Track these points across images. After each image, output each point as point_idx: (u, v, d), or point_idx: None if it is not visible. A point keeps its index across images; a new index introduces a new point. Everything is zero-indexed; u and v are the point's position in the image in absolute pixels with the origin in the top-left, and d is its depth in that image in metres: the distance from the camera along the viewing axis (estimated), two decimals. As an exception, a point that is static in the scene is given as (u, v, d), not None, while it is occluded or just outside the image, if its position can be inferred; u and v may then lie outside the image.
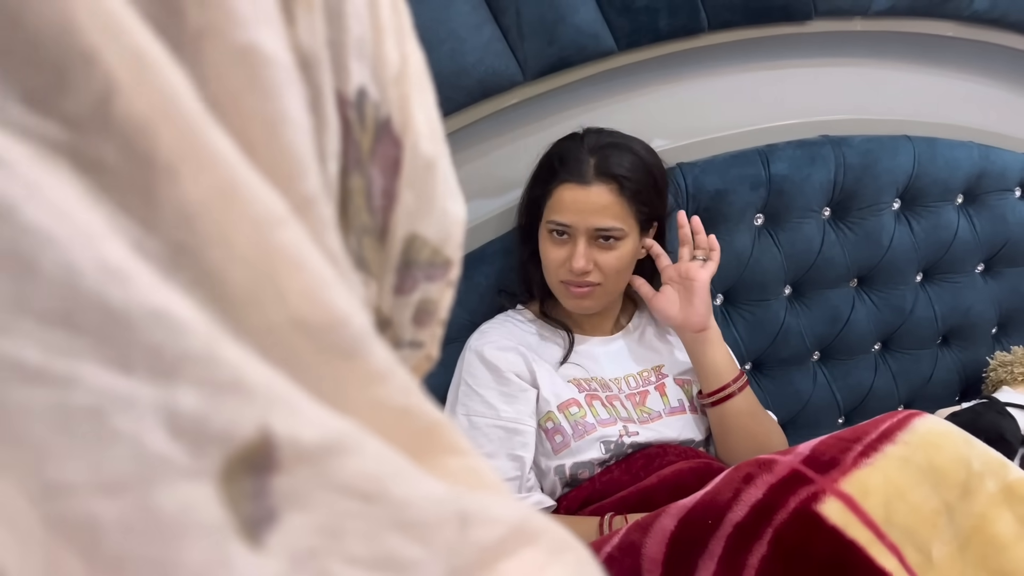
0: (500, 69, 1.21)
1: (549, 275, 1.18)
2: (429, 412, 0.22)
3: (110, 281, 0.16)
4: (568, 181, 1.12)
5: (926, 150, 1.53)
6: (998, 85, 1.69)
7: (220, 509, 0.17)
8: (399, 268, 0.28)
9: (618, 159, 1.13)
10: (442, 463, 0.22)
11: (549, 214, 1.15)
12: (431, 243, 0.28)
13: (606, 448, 1.12)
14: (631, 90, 1.40)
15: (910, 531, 0.81)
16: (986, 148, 1.60)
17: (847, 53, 1.54)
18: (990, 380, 1.63)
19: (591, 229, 1.12)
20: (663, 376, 1.23)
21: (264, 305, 0.19)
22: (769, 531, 0.82)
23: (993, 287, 1.68)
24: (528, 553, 0.22)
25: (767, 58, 1.47)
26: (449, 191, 0.29)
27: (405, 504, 0.20)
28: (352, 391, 0.20)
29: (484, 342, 1.18)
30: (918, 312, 1.60)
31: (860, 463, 0.85)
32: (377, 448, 0.20)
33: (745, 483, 0.87)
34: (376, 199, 0.26)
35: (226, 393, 0.17)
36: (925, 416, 0.91)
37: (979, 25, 1.55)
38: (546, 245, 1.16)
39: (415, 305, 0.29)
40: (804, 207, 1.46)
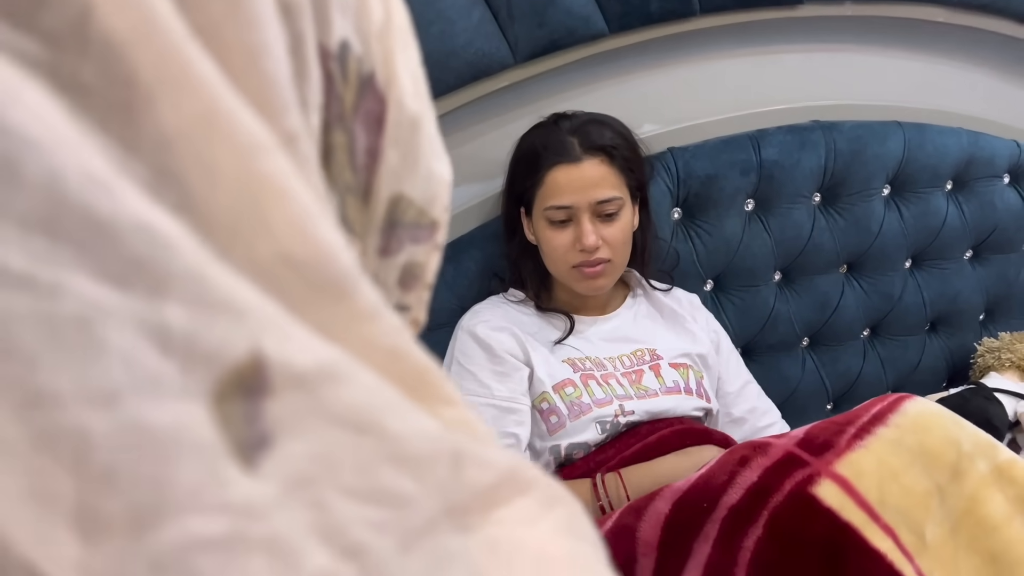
0: (490, 51, 1.19)
1: (556, 263, 1.17)
2: (420, 357, 0.22)
3: (95, 190, 0.15)
4: (559, 163, 1.12)
5: (916, 136, 1.53)
6: (987, 71, 1.69)
7: (213, 430, 0.16)
8: (383, 229, 0.27)
9: (599, 132, 1.15)
10: (434, 412, 0.22)
11: (545, 201, 1.14)
12: (416, 204, 0.28)
13: (602, 428, 1.12)
14: (622, 74, 1.39)
15: (904, 513, 0.82)
16: (975, 134, 1.60)
17: (838, 39, 1.53)
18: (977, 366, 1.64)
19: (592, 204, 1.12)
20: (658, 358, 1.23)
21: (249, 235, 0.18)
22: (764, 513, 0.82)
23: (981, 273, 1.68)
24: (521, 503, 0.22)
25: (758, 43, 1.47)
26: (435, 151, 0.29)
27: (399, 437, 0.19)
28: (340, 329, 0.20)
29: (477, 321, 1.17)
30: (907, 298, 1.61)
31: (854, 445, 0.85)
32: (371, 380, 0.19)
33: (740, 466, 0.87)
34: (359, 157, 0.25)
35: (216, 313, 0.17)
36: (916, 399, 0.91)
37: (969, 11, 1.55)
38: (547, 234, 1.15)
39: (401, 267, 0.29)
40: (794, 193, 1.46)
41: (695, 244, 1.41)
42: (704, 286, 1.44)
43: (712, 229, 1.41)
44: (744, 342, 1.49)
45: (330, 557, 0.17)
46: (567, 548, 0.22)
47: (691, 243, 1.40)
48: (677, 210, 1.40)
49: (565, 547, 0.22)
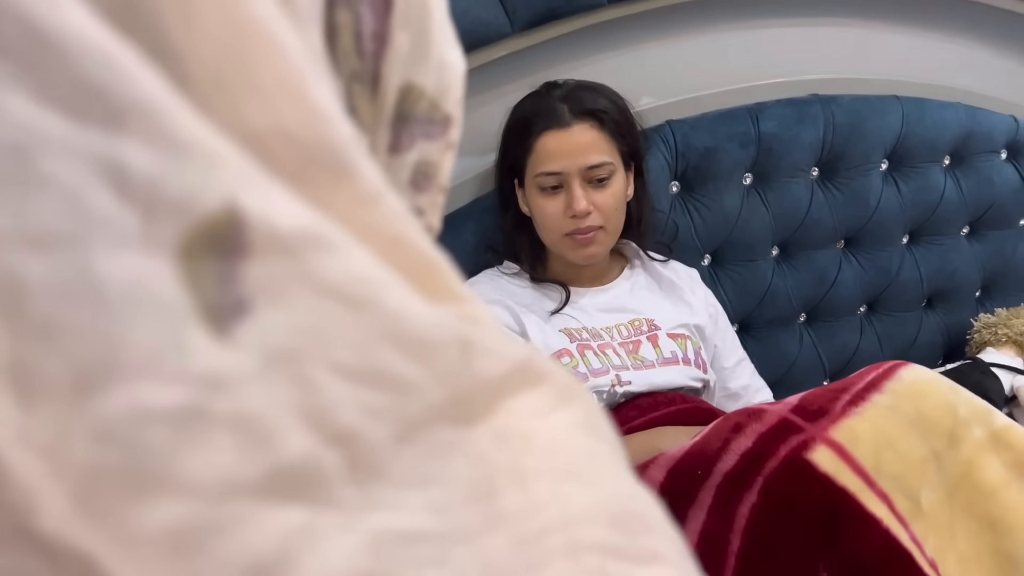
0: (488, 20, 1.18)
1: (549, 232, 1.16)
2: (425, 248, 0.20)
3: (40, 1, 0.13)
4: (548, 128, 1.12)
5: (914, 111, 1.52)
6: (985, 46, 1.68)
7: (178, 288, 0.15)
8: (394, 122, 0.25)
9: (589, 97, 1.14)
10: (442, 305, 0.20)
11: (535, 167, 1.13)
12: (428, 95, 0.26)
13: (598, 398, 1.11)
14: (621, 46, 1.37)
15: (899, 479, 0.81)
16: (973, 109, 1.60)
17: (838, 13, 1.52)
18: (974, 342, 1.64)
19: (583, 169, 1.11)
20: (656, 328, 1.22)
21: (234, 93, 0.16)
22: (759, 480, 0.82)
23: (978, 249, 1.68)
24: (534, 394, 0.21)
25: (758, 16, 1.45)
26: (446, 39, 0.27)
27: (399, 317, 0.18)
28: (337, 211, 0.18)
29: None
30: (904, 274, 1.60)
31: (849, 412, 0.84)
32: (365, 255, 0.17)
33: (735, 432, 0.87)
34: (366, 41, 0.23)
35: (185, 157, 0.15)
36: (911, 366, 0.90)
37: (968, -16, 1.54)
38: (539, 201, 1.14)
39: (412, 166, 0.27)
40: (793, 166, 1.45)
41: (693, 218, 1.40)
42: (702, 260, 1.43)
43: (710, 203, 1.40)
44: (742, 317, 1.48)
45: (312, 441, 0.16)
46: (582, 443, 0.21)
47: (689, 217, 1.39)
48: (675, 183, 1.39)
49: (580, 442, 0.21)
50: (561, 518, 0.19)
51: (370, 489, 0.16)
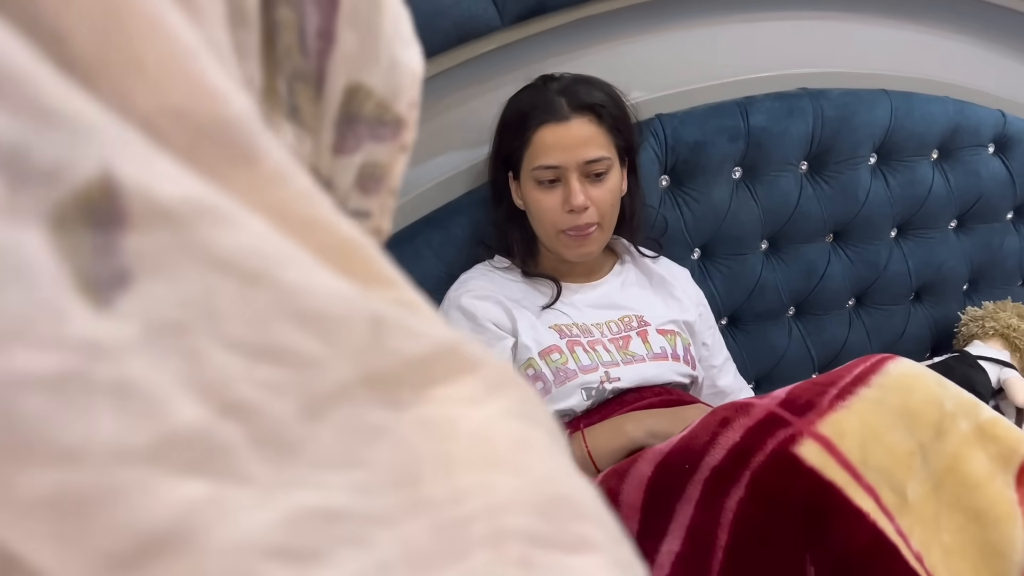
0: (477, 12, 1.17)
1: (544, 227, 1.15)
2: (346, 230, 0.20)
3: None
4: (547, 122, 1.10)
5: (903, 104, 1.53)
6: (972, 40, 1.69)
7: (50, 258, 0.14)
8: (339, 122, 0.25)
9: (587, 91, 1.13)
10: (366, 289, 0.20)
11: (533, 161, 1.12)
12: (376, 95, 0.25)
13: (587, 394, 1.11)
14: (610, 39, 1.37)
15: (886, 472, 0.82)
16: (961, 103, 1.60)
17: (826, 6, 1.52)
18: (961, 335, 1.65)
19: (581, 163, 1.10)
20: (645, 324, 1.21)
21: (118, 74, 0.16)
22: (747, 474, 0.82)
23: (965, 243, 1.69)
24: (464, 381, 0.20)
25: (747, 9, 1.45)
26: (400, 37, 0.26)
27: (298, 292, 0.17)
28: (236, 190, 0.17)
29: (462, 291, 1.16)
30: (892, 267, 1.61)
31: (836, 406, 0.85)
32: (262, 228, 0.17)
33: (722, 427, 0.87)
34: (311, 39, 0.23)
35: (51, 124, 0.14)
36: (898, 359, 0.90)
37: (956, -21, 1.54)
38: (535, 195, 1.14)
39: (359, 168, 0.26)
40: (782, 160, 1.45)
41: (683, 212, 1.40)
42: (692, 254, 1.44)
43: (700, 196, 1.40)
44: (731, 310, 1.49)
45: (205, 412, 0.15)
46: (516, 431, 0.21)
47: (679, 211, 1.40)
48: (665, 177, 1.39)
49: (513, 430, 0.21)
50: (485, 507, 0.19)
51: (284, 466, 0.16)
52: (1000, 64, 1.73)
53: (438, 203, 1.27)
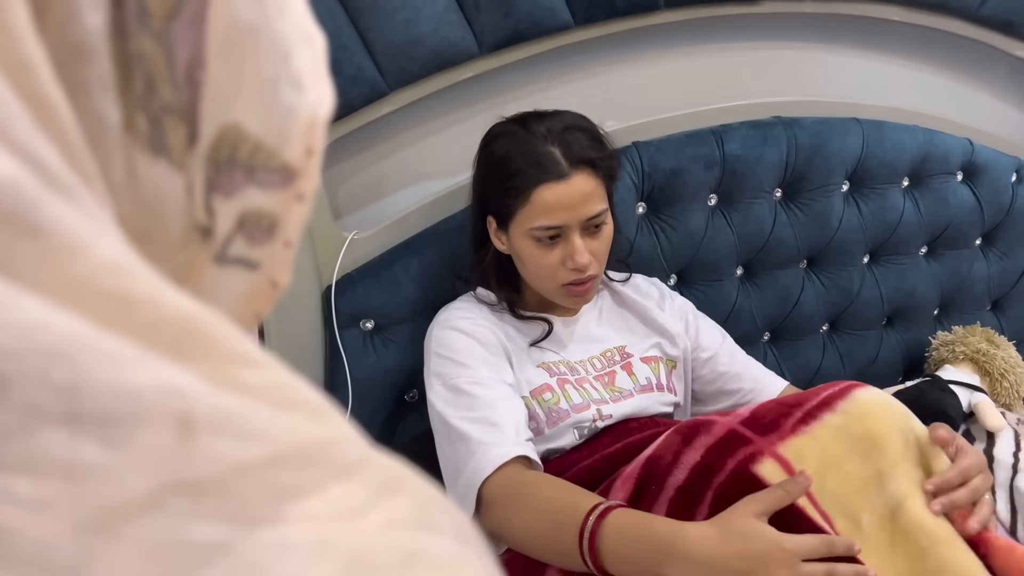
0: (456, 40, 1.18)
1: (543, 281, 1.10)
2: (172, 304, 0.17)
3: None
4: (546, 181, 1.02)
5: (874, 133, 1.55)
6: (940, 70, 1.73)
7: None
8: (214, 162, 0.23)
9: (578, 140, 1.05)
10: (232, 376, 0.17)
11: (531, 220, 1.04)
12: (254, 139, 0.23)
13: (579, 434, 1.09)
14: (587, 67, 1.38)
15: (840, 499, 0.82)
16: (930, 132, 1.63)
17: (798, 36, 1.55)
18: (932, 359, 1.67)
19: (582, 221, 1.05)
20: (628, 356, 1.19)
21: None
22: (709, 494, 0.83)
23: (935, 269, 1.71)
24: (339, 491, 0.17)
25: (721, 39, 1.48)
26: (289, 77, 0.24)
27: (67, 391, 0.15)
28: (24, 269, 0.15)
29: (455, 316, 1.12)
30: (865, 293, 1.63)
31: (798, 430, 0.85)
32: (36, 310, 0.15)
33: (684, 445, 0.88)
34: (180, 71, 0.21)
35: None
36: (867, 388, 0.91)
37: (923, 10, 1.57)
38: (533, 252, 1.07)
39: (239, 214, 0.24)
40: (756, 187, 1.47)
41: (659, 238, 1.41)
42: (668, 280, 1.44)
43: (676, 223, 1.41)
44: (707, 336, 1.49)
45: None
46: (409, 544, 0.18)
47: (655, 237, 1.41)
48: (642, 204, 1.40)
49: (406, 543, 0.18)
50: None
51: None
52: (967, 94, 1.77)
53: (416, 229, 1.27)
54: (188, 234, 0.23)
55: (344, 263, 1.23)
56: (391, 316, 1.25)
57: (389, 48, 1.13)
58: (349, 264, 1.24)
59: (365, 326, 1.24)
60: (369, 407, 1.26)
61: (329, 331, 1.23)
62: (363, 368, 1.24)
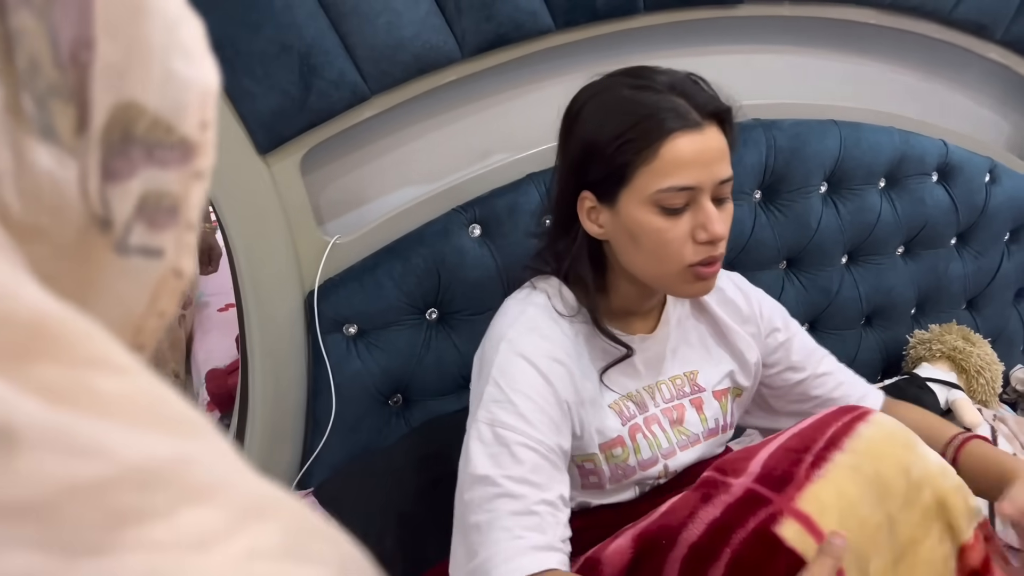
0: (438, 44, 1.18)
1: (664, 263, 0.89)
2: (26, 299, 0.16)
3: None
4: (679, 129, 0.85)
5: (851, 134, 1.57)
6: (915, 72, 1.75)
7: None
8: (108, 145, 0.22)
9: (702, 91, 0.90)
10: (84, 383, 0.16)
11: (658, 180, 0.85)
12: (151, 114, 0.22)
13: (640, 490, 0.99)
14: (568, 71, 1.39)
15: (857, 551, 0.81)
16: (906, 134, 1.66)
17: (776, 39, 1.57)
18: (910, 357, 1.69)
19: (716, 183, 0.88)
20: (699, 389, 1.04)
21: None
22: (727, 551, 0.80)
23: (912, 268, 1.74)
24: (194, 516, 0.16)
25: (700, 42, 1.49)
26: (181, 48, 0.23)
27: None
28: None
29: (530, 341, 0.90)
30: (844, 293, 1.65)
31: (812, 476, 0.83)
32: None
33: (703, 502, 0.85)
34: (65, 51, 0.20)
35: None
36: (869, 419, 0.89)
37: (898, 13, 1.59)
38: (656, 223, 0.87)
39: (139, 197, 0.23)
40: (736, 189, 1.45)
41: (641, 240, 1.41)
42: (650, 282, 1.45)
43: (658, 225, 1.42)
44: (689, 337, 1.50)
45: None
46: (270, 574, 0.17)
47: (637, 239, 1.41)
48: (623, 206, 1.40)
49: (267, 573, 0.17)
50: None
51: None
52: (941, 95, 1.79)
53: (399, 233, 1.26)
54: (86, 226, 0.22)
55: (326, 268, 1.22)
56: (375, 321, 1.24)
57: (371, 52, 1.13)
58: (331, 269, 1.23)
59: (348, 331, 1.24)
60: (353, 413, 1.25)
61: (312, 337, 1.22)
62: (347, 374, 1.23)
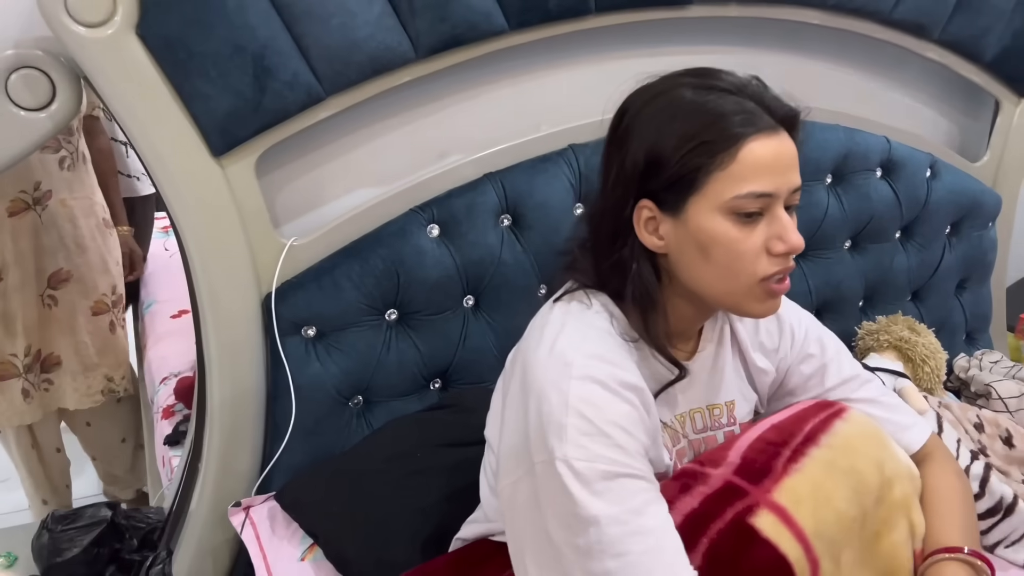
0: (392, 45, 1.18)
1: (736, 277, 0.82)
2: None
3: None
4: (757, 132, 0.80)
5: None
6: (858, 71, 1.80)
7: None
8: None
9: (772, 96, 0.86)
10: None
11: (735, 187, 0.80)
12: None
13: None
14: (522, 72, 1.40)
15: (832, 542, 0.83)
16: (851, 131, 1.70)
17: (726, 40, 1.60)
18: (859, 348, 1.74)
19: (790, 191, 0.83)
20: (734, 422, 0.99)
21: None
22: (704, 541, 0.81)
23: (859, 262, 1.79)
24: None
25: (652, 43, 1.51)
26: None
27: None
28: None
29: (604, 367, 0.81)
30: (794, 288, 1.66)
31: (789, 470, 0.85)
32: None
33: (682, 492, 0.85)
34: None
35: None
36: (845, 417, 0.92)
37: (841, 14, 1.64)
38: (731, 233, 0.81)
39: None
40: (689, 187, 1.51)
41: (597, 238, 1.43)
42: (607, 279, 1.47)
43: (613, 223, 1.44)
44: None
45: None
46: None
47: (594, 237, 1.43)
48: (579, 205, 1.42)
49: None
50: None
51: None
52: (883, 93, 1.85)
53: (356, 234, 1.26)
54: None
55: (284, 270, 1.21)
56: (334, 323, 1.24)
57: (325, 53, 1.12)
58: (289, 271, 1.22)
59: (307, 333, 1.23)
60: (313, 415, 1.25)
61: (270, 340, 1.21)
62: (306, 376, 1.23)
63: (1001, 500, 1.25)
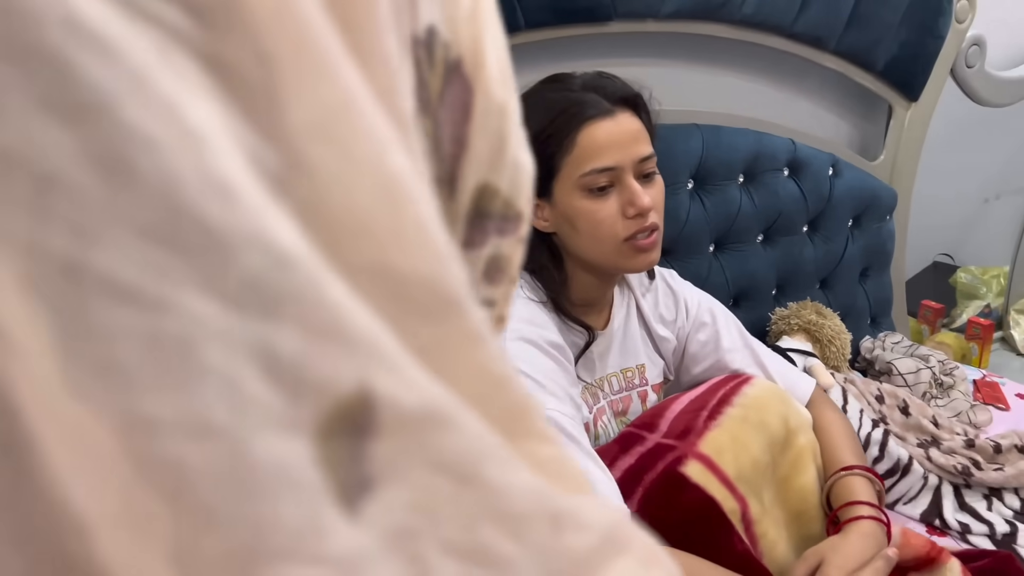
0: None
1: (602, 241, 0.97)
2: (520, 387, 0.20)
3: (213, 197, 0.14)
4: (592, 118, 0.94)
5: (712, 136, 1.74)
6: (764, 80, 1.95)
7: (317, 470, 0.15)
8: (470, 220, 0.25)
9: (612, 83, 0.99)
10: (530, 450, 0.19)
11: (580, 166, 0.94)
12: (503, 194, 0.26)
13: None
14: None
15: (752, 483, 0.96)
16: (759, 134, 1.84)
17: (644, 54, 1.72)
18: (772, 332, 1.88)
19: (636, 161, 0.96)
20: (645, 382, 1.13)
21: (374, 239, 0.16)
22: (639, 490, 0.93)
23: (771, 254, 1.92)
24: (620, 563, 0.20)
25: (578, 57, 1.62)
26: (519, 140, 0.27)
27: (500, 492, 0.17)
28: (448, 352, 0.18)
29: (533, 329, 0.96)
30: (712, 279, 1.82)
31: (710, 425, 0.99)
32: (474, 425, 0.17)
33: (621, 452, 0.98)
34: (445, 145, 0.23)
35: (328, 340, 0.15)
36: (752, 381, 1.07)
37: (747, 28, 1.78)
38: (586, 207, 0.95)
39: (486, 261, 0.27)
40: (615, 188, 1.62)
41: (532, 237, 1.54)
42: (542, 275, 1.58)
43: (546, 223, 1.55)
44: (580, 324, 1.63)
45: None
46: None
47: (529, 236, 1.53)
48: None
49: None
50: None
51: None
52: (788, 100, 2.00)
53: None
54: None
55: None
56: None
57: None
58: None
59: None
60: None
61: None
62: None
63: (898, 462, 1.39)
